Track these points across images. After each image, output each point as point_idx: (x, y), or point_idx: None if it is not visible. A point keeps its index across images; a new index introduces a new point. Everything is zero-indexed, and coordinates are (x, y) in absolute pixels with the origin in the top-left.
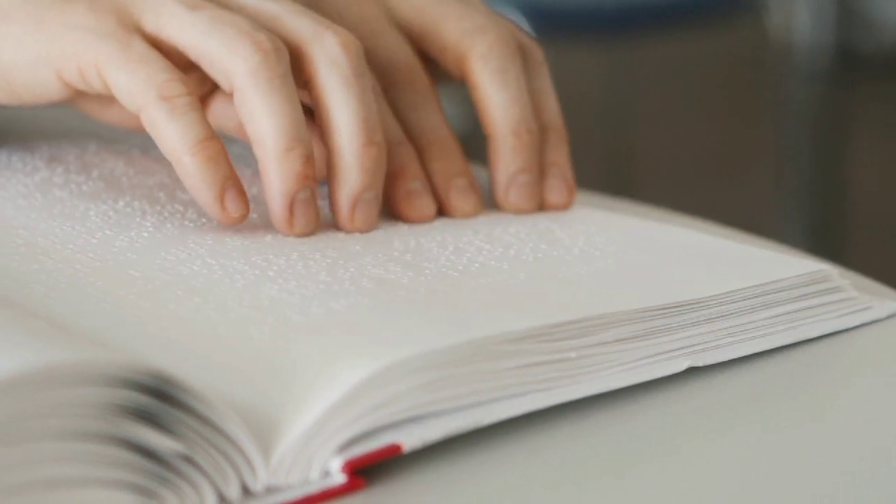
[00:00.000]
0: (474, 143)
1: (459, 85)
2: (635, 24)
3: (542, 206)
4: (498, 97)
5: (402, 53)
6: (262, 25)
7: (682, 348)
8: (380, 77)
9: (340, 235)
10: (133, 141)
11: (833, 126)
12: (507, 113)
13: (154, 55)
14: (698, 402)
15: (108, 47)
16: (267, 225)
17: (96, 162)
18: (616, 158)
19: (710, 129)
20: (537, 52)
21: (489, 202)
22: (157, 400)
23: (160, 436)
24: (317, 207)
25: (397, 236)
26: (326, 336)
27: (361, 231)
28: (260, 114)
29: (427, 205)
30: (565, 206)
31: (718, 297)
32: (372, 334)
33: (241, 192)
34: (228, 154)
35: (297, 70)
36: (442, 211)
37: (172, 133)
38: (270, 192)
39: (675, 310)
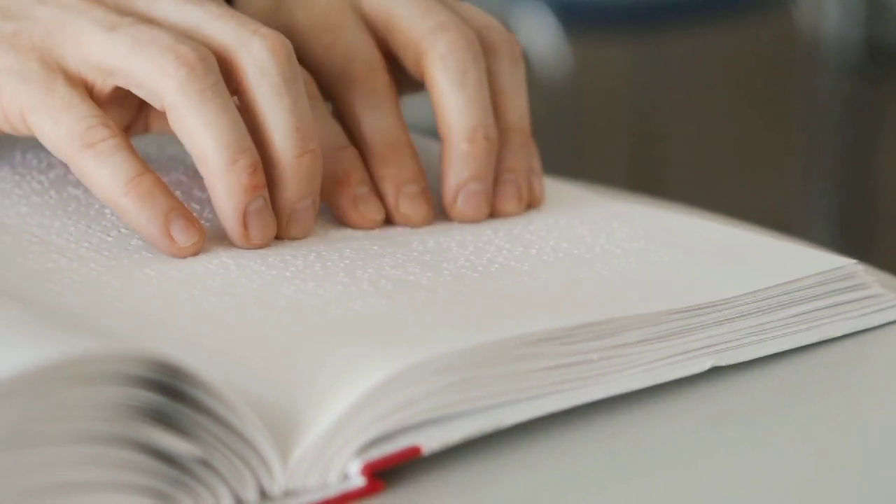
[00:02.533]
0: None
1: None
2: (663, 19)
3: (492, 214)
4: (454, 100)
5: (361, 50)
6: (185, 35)
7: (705, 347)
8: (336, 74)
9: (359, 235)
10: (148, 139)
11: (861, 121)
12: (461, 117)
13: (77, 98)
14: (722, 403)
15: (31, 92)
16: None
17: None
18: (642, 154)
19: (737, 124)
20: (512, 50)
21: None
22: (174, 400)
23: (177, 439)
24: (272, 214)
25: (416, 236)
26: (345, 337)
27: (296, 239)
28: (196, 129)
29: (375, 210)
30: (516, 214)
31: (741, 298)
32: (391, 336)
33: (189, 220)
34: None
35: (226, 77)
36: (389, 218)
37: (102, 178)
38: (220, 209)
39: (697, 311)
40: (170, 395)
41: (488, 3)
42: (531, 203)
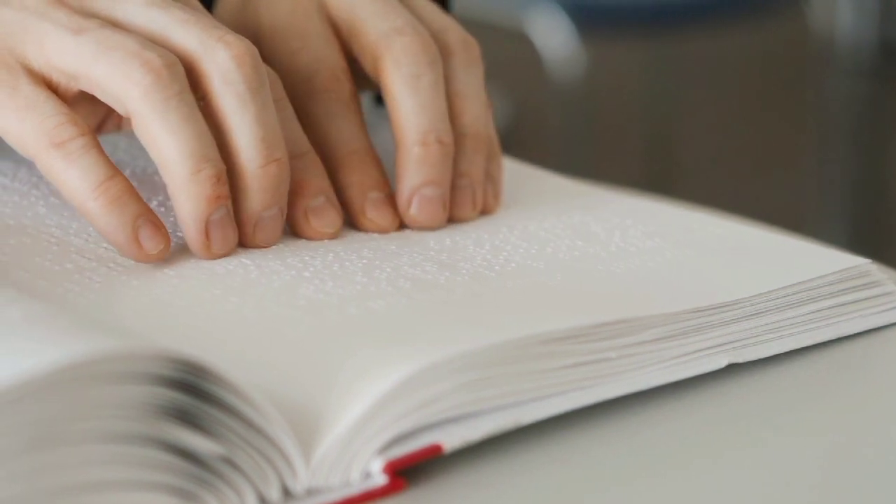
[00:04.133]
0: (514, 139)
1: (495, 78)
2: (676, 20)
3: (449, 219)
4: (407, 104)
5: (325, 58)
6: (151, 40)
7: (722, 345)
8: (299, 82)
9: (375, 234)
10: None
11: (875, 121)
12: (415, 121)
13: (42, 97)
14: (738, 400)
15: None
16: None
17: (127, 160)
18: (656, 154)
19: (751, 124)
20: (469, 52)
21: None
22: (198, 399)
23: (201, 438)
24: (234, 224)
25: (432, 235)
26: (365, 336)
27: (263, 247)
28: (161, 137)
29: (328, 223)
30: (471, 219)
31: (756, 297)
32: (411, 334)
33: (157, 226)
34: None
35: (192, 84)
36: (356, 226)
37: (71, 180)
38: (182, 218)
39: (713, 310)
40: (194, 394)
41: (503, 5)
42: (484, 210)
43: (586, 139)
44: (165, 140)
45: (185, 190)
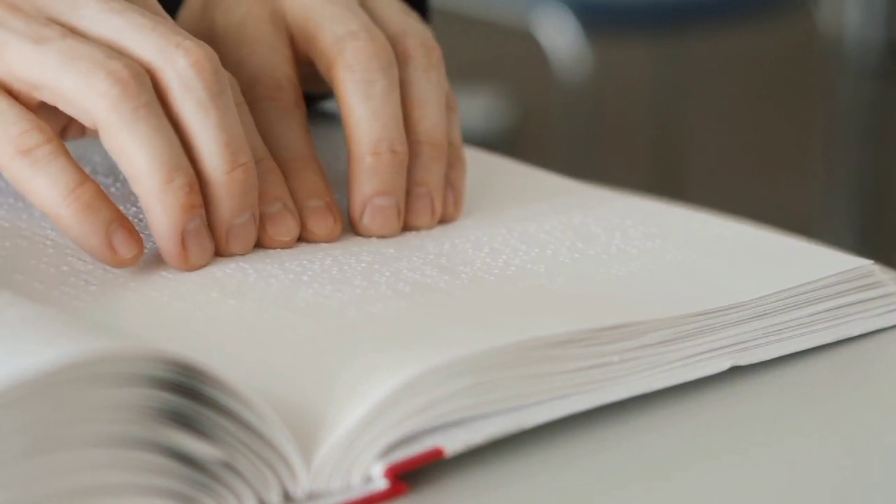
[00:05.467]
0: (520, 140)
1: (501, 78)
2: (683, 21)
3: (404, 228)
4: (359, 111)
5: (270, 66)
6: (113, 48)
7: (724, 348)
8: (244, 89)
9: (373, 239)
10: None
11: (882, 122)
12: (366, 129)
13: (4, 105)
14: (742, 404)
15: None
16: None
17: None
18: (663, 155)
19: (757, 125)
20: (427, 56)
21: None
22: (196, 403)
23: (200, 443)
24: (209, 233)
25: (430, 238)
26: (366, 340)
27: (238, 254)
28: (131, 149)
29: (284, 230)
30: (429, 227)
31: (759, 299)
32: (412, 338)
33: (130, 231)
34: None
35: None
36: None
37: (40, 188)
38: (157, 230)
39: (715, 314)
40: (192, 397)
41: (509, 5)
42: (444, 218)
43: (592, 139)
44: (135, 151)
45: (159, 201)
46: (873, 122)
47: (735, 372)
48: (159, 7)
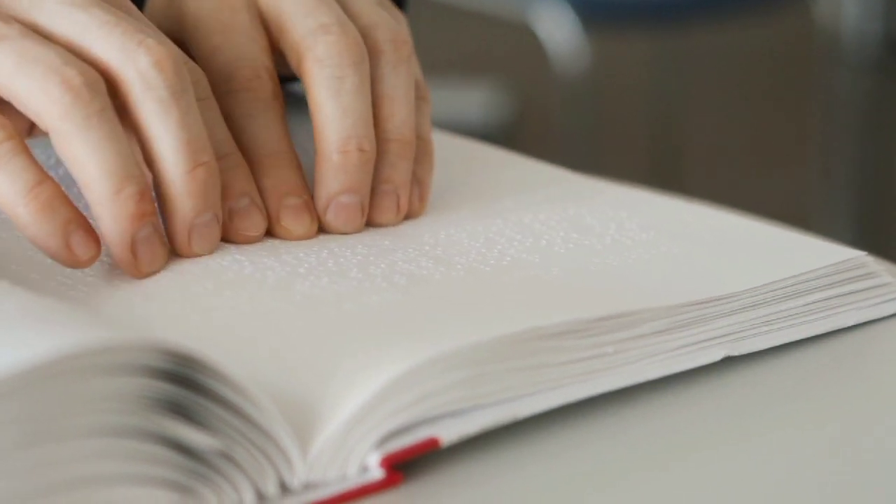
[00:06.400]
0: (519, 134)
1: (500, 72)
2: (682, 15)
3: (368, 224)
4: (328, 108)
5: (247, 55)
6: (72, 49)
7: (718, 338)
8: (219, 80)
9: (369, 230)
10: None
11: (880, 116)
12: (335, 127)
13: None
14: (736, 394)
15: None
16: None
17: None
18: (661, 149)
19: (756, 119)
20: (398, 51)
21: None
22: (193, 393)
23: (198, 433)
24: (162, 240)
25: (425, 228)
26: (362, 331)
27: (202, 255)
28: (81, 156)
29: (252, 225)
30: (394, 224)
31: (753, 290)
32: (408, 330)
33: (88, 232)
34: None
35: (114, 91)
36: (270, 231)
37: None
38: (108, 237)
39: (709, 304)
40: (189, 387)
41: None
42: (409, 214)
43: (591, 133)
44: (85, 159)
45: (108, 209)
46: (871, 115)
47: (729, 362)
48: (125, 0)
